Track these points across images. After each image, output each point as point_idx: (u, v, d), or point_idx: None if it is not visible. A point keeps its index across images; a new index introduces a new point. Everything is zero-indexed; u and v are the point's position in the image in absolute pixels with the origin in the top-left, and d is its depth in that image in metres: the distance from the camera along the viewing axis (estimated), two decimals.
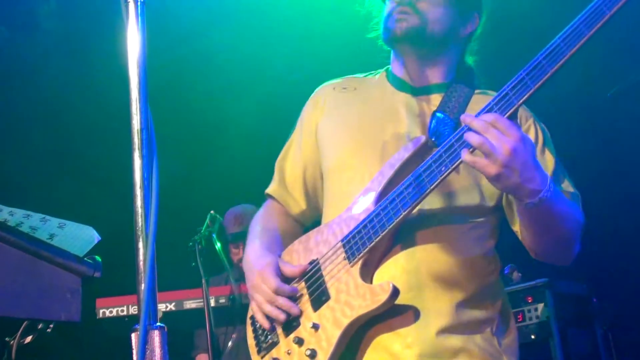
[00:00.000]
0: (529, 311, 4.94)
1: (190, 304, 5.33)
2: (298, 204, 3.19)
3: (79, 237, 2.47)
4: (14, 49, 6.77)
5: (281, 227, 3.19)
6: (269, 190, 3.33)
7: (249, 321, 3.04)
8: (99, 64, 6.53)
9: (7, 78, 6.86)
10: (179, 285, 4.90)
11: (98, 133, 7.05)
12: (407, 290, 2.59)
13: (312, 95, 3.28)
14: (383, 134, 2.91)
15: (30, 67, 6.96)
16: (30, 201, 2.80)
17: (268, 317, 2.83)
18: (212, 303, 5.30)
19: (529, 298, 5.00)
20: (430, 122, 2.76)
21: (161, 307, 4.67)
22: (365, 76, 3.26)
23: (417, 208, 2.67)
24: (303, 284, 2.80)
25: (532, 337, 4.88)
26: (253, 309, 2.93)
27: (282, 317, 2.77)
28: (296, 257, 2.93)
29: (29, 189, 6.77)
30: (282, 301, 2.78)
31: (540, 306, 4.92)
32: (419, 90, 3.00)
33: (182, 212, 6.56)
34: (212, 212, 5.61)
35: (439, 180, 2.52)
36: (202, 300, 5.28)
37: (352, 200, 2.81)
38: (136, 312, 3.96)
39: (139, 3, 2.08)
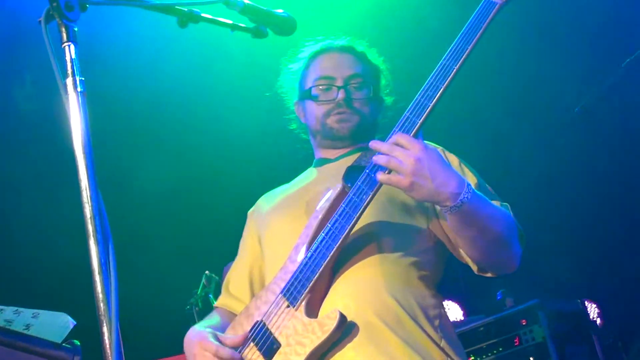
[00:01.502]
0: (525, 334, 4.91)
1: None
2: (243, 303, 3.24)
3: (54, 324, 2.51)
4: None
5: (224, 321, 3.23)
6: (216, 304, 3.46)
7: None
8: (48, 150, 6.57)
9: None
10: (180, 349, 4.95)
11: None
12: (347, 313, 2.63)
13: (250, 210, 3.52)
14: (306, 196, 3.08)
15: None
16: None
17: None
18: None
19: (523, 321, 4.98)
20: (345, 172, 2.89)
21: None
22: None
23: (351, 238, 2.79)
24: (251, 344, 2.82)
25: (531, 359, 4.88)
26: None
27: None
28: (239, 328, 2.96)
29: None
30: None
31: (535, 327, 4.92)
32: (337, 158, 3.25)
33: (177, 275, 6.59)
34: (207, 272, 5.62)
35: (362, 209, 2.66)
36: None
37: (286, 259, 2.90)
38: None
39: (79, 94, 2.14)
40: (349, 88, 3.20)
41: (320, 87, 3.26)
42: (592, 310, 6.01)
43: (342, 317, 2.58)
